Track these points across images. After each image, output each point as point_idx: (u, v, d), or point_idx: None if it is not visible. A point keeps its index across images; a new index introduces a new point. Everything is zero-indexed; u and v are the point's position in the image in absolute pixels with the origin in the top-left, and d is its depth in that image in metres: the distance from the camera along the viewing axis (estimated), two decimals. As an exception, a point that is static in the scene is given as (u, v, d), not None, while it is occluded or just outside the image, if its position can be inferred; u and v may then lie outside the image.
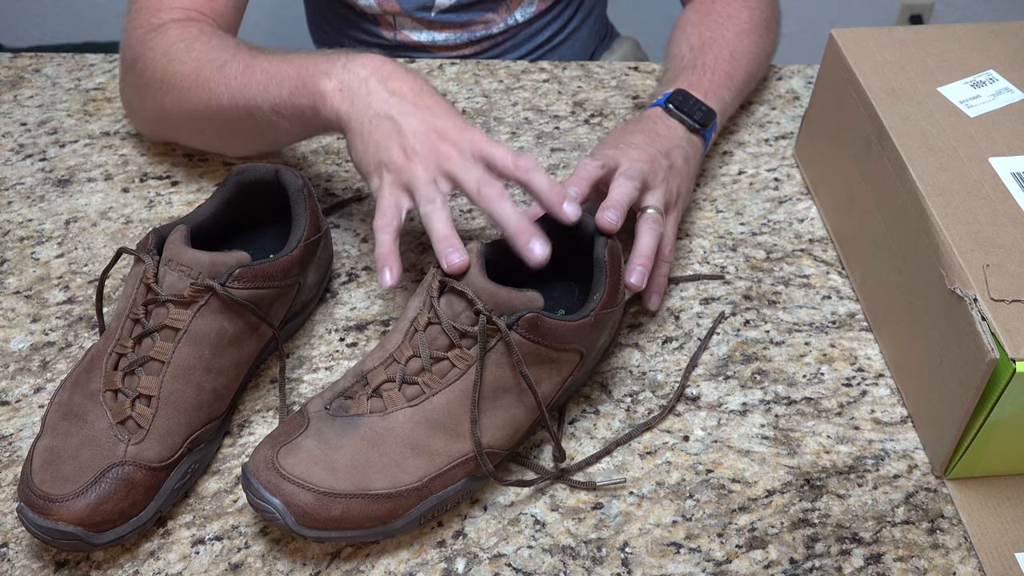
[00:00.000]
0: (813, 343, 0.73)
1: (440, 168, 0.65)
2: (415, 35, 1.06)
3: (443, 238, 0.61)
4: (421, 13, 1.04)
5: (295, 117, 0.72)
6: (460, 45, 1.07)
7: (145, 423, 0.59)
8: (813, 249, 0.80)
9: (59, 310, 0.75)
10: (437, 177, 0.65)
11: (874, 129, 0.72)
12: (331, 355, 0.72)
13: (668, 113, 0.78)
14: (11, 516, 0.62)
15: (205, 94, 0.76)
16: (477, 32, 1.07)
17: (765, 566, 0.60)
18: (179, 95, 0.78)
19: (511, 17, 1.07)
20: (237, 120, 0.76)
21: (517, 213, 0.62)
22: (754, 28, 0.89)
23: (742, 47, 0.87)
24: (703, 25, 0.89)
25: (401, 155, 0.66)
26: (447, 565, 0.60)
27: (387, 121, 0.67)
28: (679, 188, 0.74)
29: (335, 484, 0.57)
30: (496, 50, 1.09)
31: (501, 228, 0.63)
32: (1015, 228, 0.63)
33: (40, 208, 0.84)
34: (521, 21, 1.08)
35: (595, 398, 0.69)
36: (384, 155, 0.66)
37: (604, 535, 0.61)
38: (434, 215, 0.63)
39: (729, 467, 0.65)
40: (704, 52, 0.85)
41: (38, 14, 2.08)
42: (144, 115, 0.85)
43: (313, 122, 0.71)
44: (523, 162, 0.64)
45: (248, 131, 0.77)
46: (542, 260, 0.61)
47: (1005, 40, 0.79)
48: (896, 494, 0.63)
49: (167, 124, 0.83)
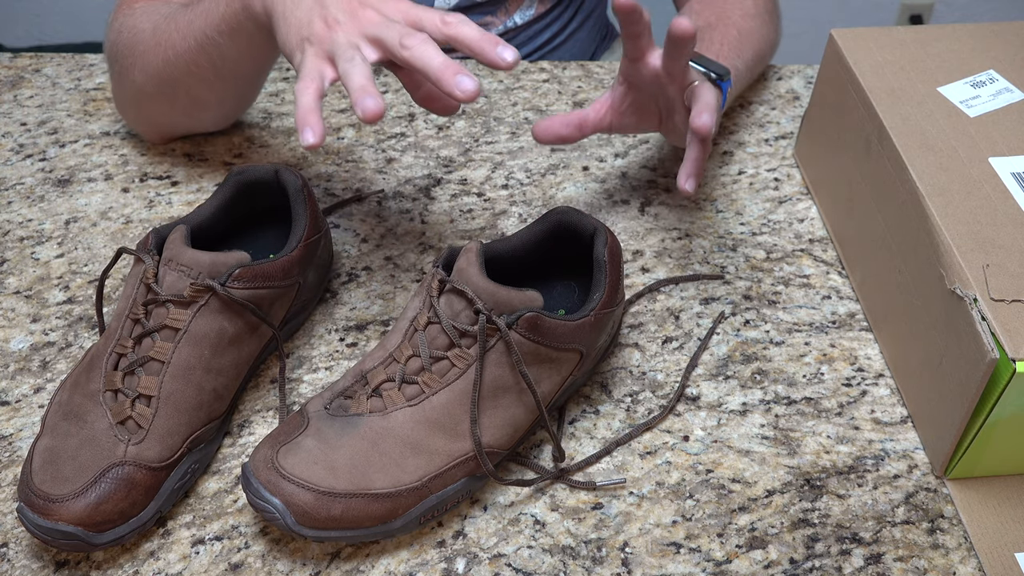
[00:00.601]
0: (813, 343, 0.73)
1: (362, 33, 0.64)
2: None
3: (359, 87, 0.60)
4: None
5: (233, 31, 0.72)
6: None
7: (145, 423, 0.59)
8: (813, 249, 0.80)
9: (59, 310, 0.75)
10: (360, 43, 0.64)
11: (874, 129, 0.72)
12: (331, 355, 0.72)
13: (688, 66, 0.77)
14: (11, 516, 0.62)
15: (162, 48, 0.77)
16: None
17: (765, 566, 0.60)
18: (143, 61, 0.79)
19: (510, 20, 1.07)
20: (194, 63, 0.76)
21: (442, 56, 0.60)
22: (759, 13, 0.89)
23: (749, 27, 0.87)
24: (707, 11, 0.89)
25: (323, 26, 0.65)
26: (447, 565, 0.60)
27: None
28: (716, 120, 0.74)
29: (335, 484, 0.57)
30: None
31: (427, 74, 0.61)
32: (1015, 228, 0.63)
33: (40, 208, 0.84)
34: (520, 24, 1.08)
35: (595, 398, 0.69)
36: (306, 30, 0.65)
37: (604, 535, 0.61)
38: (352, 71, 0.61)
39: (729, 467, 0.65)
40: (711, 31, 0.85)
41: (38, 14, 2.08)
42: (126, 103, 0.86)
43: (250, 28, 0.71)
44: (451, 17, 0.63)
45: (207, 75, 0.77)
46: (473, 92, 0.59)
47: (1005, 40, 0.79)
48: (896, 494, 0.63)
49: (144, 102, 0.84)
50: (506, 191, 0.85)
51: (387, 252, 0.80)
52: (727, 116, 0.93)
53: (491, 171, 0.88)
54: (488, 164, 0.88)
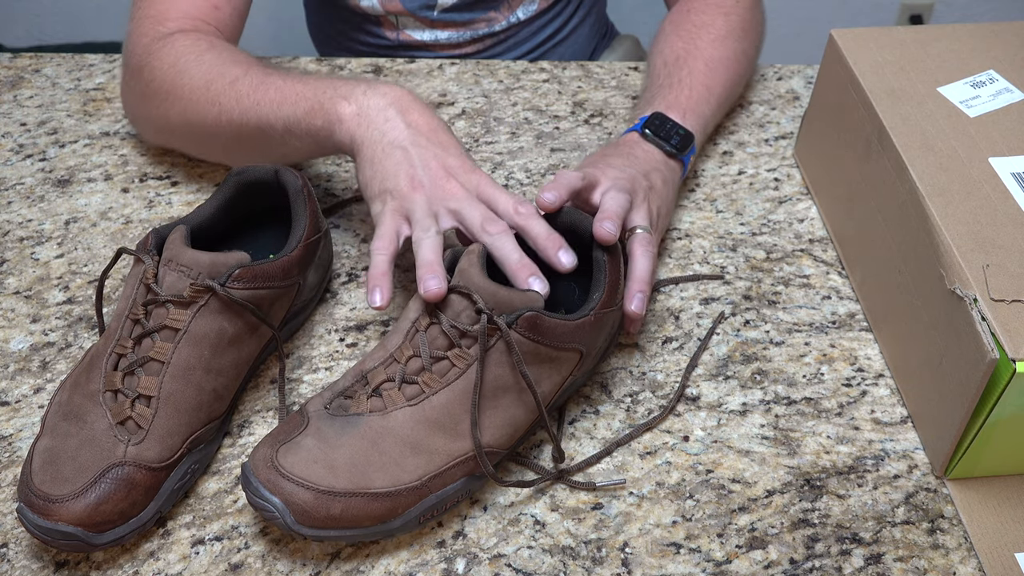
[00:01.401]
0: (813, 343, 0.73)
1: (443, 204, 0.66)
2: (418, 34, 1.07)
3: (427, 263, 0.62)
4: (424, 12, 1.04)
5: (307, 136, 0.72)
6: (463, 43, 1.08)
7: (145, 423, 0.59)
8: (813, 249, 0.80)
9: (59, 310, 0.75)
10: (439, 211, 0.66)
11: (874, 129, 0.72)
12: (331, 355, 0.72)
13: (645, 138, 0.78)
14: (11, 516, 0.62)
15: (215, 108, 0.76)
16: (480, 30, 1.07)
17: (765, 566, 0.60)
18: (187, 107, 0.78)
19: (513, 15, 1.08)
20: (246, 136, 0.76)
21: (519, 251, 0.63)
22: (730, 33, 0.88)
23: (717, 55, 0.86)
24: (676, 36, 0.88)
25: (408, 184, 0.67)
26: (447, 565, 0.60)
27: (399, 151, 0.68)
28: (659, 210, 0.74)
29: (334, 483, 0.57)
30: (498, 48, 1.10)
31: (503, 264, 0.63)
32: (1015, 228, 0.63)
33: (40, 208, 0.84)
34: (523, 19, 1.09)
35: (595, 398, 0.69)
36: (391, 183, 0.67)
37: (604, 535, 0.61)
38: (424, 241, 0.64)
39: (729, 467, 0.65)
40: (679, 67, 0.84)
41: (38, 14, 2.08)
42: (147, 122, 0.85)
43: (325, 143, 0.72)
44: (523, 208, 0.65)
45: (255, 147, 0.77)
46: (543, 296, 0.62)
47: (1005, 40, 0.79)
48: (896, 494, 0.63)
49: (170, 133, 0.83)
50: (506, 191, 0.85)
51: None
52: (727, 116, 0.93)
53: (491, 171, 0.88)
54: (488, 164, 0.88)
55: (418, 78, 0.98)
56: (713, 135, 0.91)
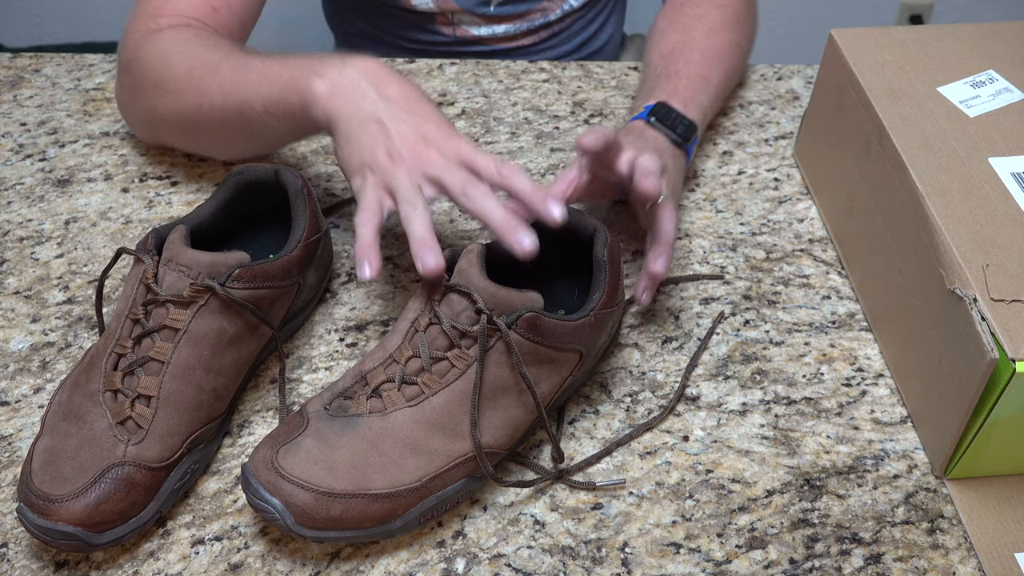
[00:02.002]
0: (813, 343, 0.73)
1: (424, 173, 0.65)
2: (474, 30, 1.07)
3: (420, 239, 0.61)
4: (481, 8, 1.05)
5: (285, 116, 0.72)
6: (519, 35, 1.09)
7: (145, 423, 0.59)
8: (813, 249, 0.80)
9: (59, 310, 0.75)
10: (420, 182, 0.65)
11: (874, 129, 0.72)
12: (331, 355, 0.72)
13: (651, 126, 0.78)
14: (11, 516, 0.62)
15: (197, 95, 0.76)
16: (535, 21, 1.08)
17: (765, 566, 0.60)
18: (172, 97, 0.78)
19: (566, 3, 1.08)
20: (229, 120, 0.75)
21: (503, 209, 0.62)
22: (725, 25, 0.89)
23: (713, 46, 0.87)
24: (671, 30, 0.89)
25: (386, 157, 0.66)
26: (447, 565, 0.60)
27: (375, 124, 0.67)
28: (673, 189, 0.74)
29: (334, 484, 0.57)
30: (552, 40, 1.11)
31: (488, 225, 0.62)
32: (1015, 228, 0.63)
33: (40, 208, 0.84)
34: (576, 7, 1.09)
35: (595, 398, 0.69)
36: (369, 156, 0.66)
37: (604, 535, 0.61)
38: (414, 217, 0.63)
39: (729, 467, 0.65)
40: (675, 58, 0.85)
41: (38, 14, 2.08)
42: (137, 117, 0.85)
43: (303, 122, 0.71)
44: (506, 168, 0.64)
45: (239, 132, 0.77)
46: (531, 251, 0.61)
47: (1005, 40, 0.79)
48: (896, 494, 0.63)
49: (159, 125, 0.83)
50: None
51: (387, 252, 0.80)
52: (727, 116, 0.93)
53: (491, 171, 0.88)
54: (488, 164, 0.88)
55: (418, 78, 0.98)
56: (713, 135, 0.91)
